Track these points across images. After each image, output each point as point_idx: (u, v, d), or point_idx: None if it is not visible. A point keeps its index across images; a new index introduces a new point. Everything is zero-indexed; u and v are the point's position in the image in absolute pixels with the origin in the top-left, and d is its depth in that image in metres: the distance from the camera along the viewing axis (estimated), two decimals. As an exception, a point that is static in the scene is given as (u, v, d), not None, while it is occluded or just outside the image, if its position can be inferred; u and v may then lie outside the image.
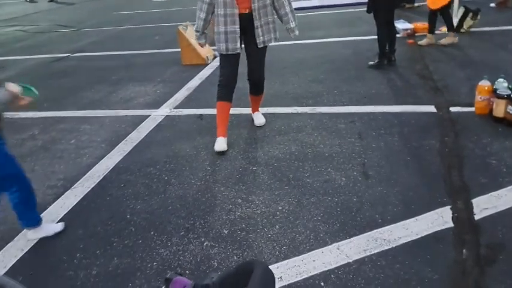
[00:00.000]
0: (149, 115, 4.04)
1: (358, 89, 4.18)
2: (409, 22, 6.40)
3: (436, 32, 5.48)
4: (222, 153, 3.13)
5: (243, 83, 3.46)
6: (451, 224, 2.11)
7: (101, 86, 5.21)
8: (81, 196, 2.75)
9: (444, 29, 5.68)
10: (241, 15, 3.03)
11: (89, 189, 2.83)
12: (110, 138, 3.61)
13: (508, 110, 2.98)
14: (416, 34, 6.00)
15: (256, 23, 3.06)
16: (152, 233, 2.31)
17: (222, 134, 3.21)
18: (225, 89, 3.21)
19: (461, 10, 5.89)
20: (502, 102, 3.01)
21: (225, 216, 2.39)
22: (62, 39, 9.14)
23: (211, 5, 3.07)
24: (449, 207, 2.25)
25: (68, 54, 7.31)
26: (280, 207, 2.42)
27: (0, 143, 2.07)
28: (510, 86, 3.07)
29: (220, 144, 3.15)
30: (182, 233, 2.28)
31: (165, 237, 2.26)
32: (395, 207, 2.31)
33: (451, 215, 2.18)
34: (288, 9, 3.19)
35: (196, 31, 3.24)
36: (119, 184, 2.82)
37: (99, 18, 12.03)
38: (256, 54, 3.22)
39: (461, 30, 5.83)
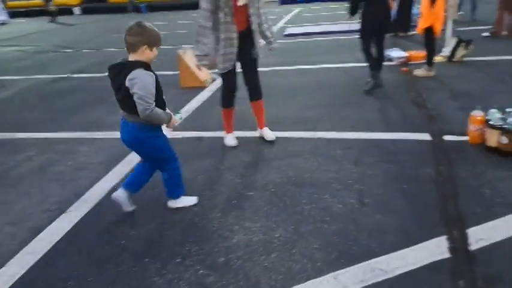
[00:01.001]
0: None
1: (354, 115, 4.24)
2: (404, 50, 6.55)
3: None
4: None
5: (238, 106, 3.50)
6: (447, 255, 2.12)
7: (100, 107, 5.24)
8: (76, 220, 2.73)
9: (438, 57, 5.81)
10: (239, 33, 3.34)
11: (85, 213, 2.81)
12: (108, 160, 3.61)
13: (501, 140, 3.03)
14: (410, 62, 6.13)
15: (255, 40, 3.44)
16: (147, 259, 2.29)
17: (230, 131, 3.79)
18: (228, 97, 3.64)
19: (454, 40, 6.05)
20: (495, 133, 3.07)
21: (222, 243, 2.39)
22: (62, 60, 9.23)
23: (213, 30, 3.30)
24: (445, 237, 2.26)
25: (67, 75, 7.37)
26: (277, 235, 2.42)
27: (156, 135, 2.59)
28: (502, 117, 3.13)
29: (231, 140, 3.72)
30: (178, 260, 2.26)
31: (160, 264, 2.24)
32: (392, 236, 2.31)
33: (447, 246, 2.19)
34: (269, 23, 3.64)
35: (198, 55, 3.37)
36: (115, 208, 2.81)
37: (98, 40, 12.19)
38: (254, 64, 3.60)
39: (454, 60, 5.98)
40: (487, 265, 2.02)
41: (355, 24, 5.17)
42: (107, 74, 2.49)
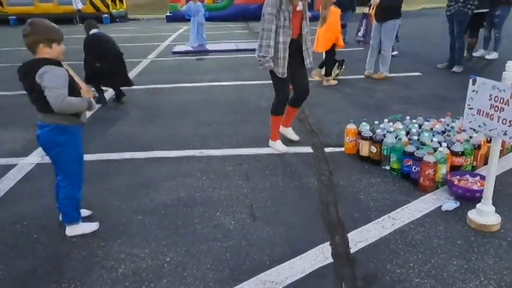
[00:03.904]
0: (16, 164, 3.62)
1: (244, 131, 4.35)
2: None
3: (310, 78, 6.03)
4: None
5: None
6: (331, 260, 2.26)
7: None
8: None
9: (317, 76, 6.46)
10: (292, 39, 3.52)
11: None
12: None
13: (371, 150, 3.38)
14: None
15: (304, 47, 3.63)
16: (18, 303, 2.01)
17: (279, 137, 3.88)
18: (282, 105, 3.76)
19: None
20: (366, 143, 3.42)
21: (106, 274, 2.20)
22: None
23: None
24: (328, 243, 2.41)
25: None
26: (168, 259, 2.32)
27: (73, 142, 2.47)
28: (371, 129, 3.50)
29: (282, 145, 3.82)
30: (56, 300, 2.03)
31: (34, 306, 1.99)
32: (281, 248, 2.39)
33: (330, 251, 2.33)
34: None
35: (265, 56, 3.48)
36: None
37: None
38: (305, 73, 3.79)
39: (329, 78, 6.55)
40: (365, 266, 2.20)
41: (243, 43, 5.37)
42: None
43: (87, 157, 3.69)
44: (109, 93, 5.88)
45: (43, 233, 2.58)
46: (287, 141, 3.96)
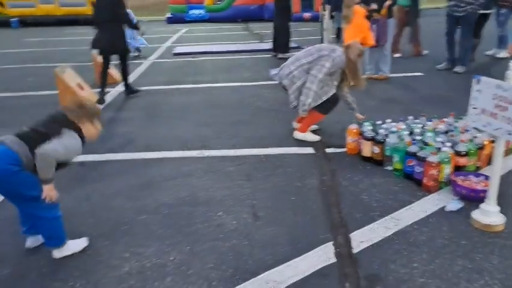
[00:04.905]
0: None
1: (244, 132, 4.35)
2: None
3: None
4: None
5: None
6: (334, 260, 2.26)
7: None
8: None
9: None
10: None
11: None
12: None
13: (374, 150, 3.38)
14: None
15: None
16: (22, 302, 2.01)
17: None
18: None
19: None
20: (368, 144, 3.42)
21: (111, 273, 2.20)
22: None
23: None
24: (331, 243, 2.41)
25: None
26: (171, 258, 2.32)
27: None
28: (374, 129, 3.50)
29: (313, 135, 4.05)
30: (59, 298, 2.03)
31: (38, 305, 1.99)
32: (283, 247, 2.39)
33: (333, 251, 2.33)
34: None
35: (310, 104, 3.85)
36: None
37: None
38: None
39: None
40: (369, 266, 2.20)
41: (242, 44, 5.37)
42: None
43: (89, 157, 3.72)
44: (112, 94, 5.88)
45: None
46: (289, 141, 3.97)
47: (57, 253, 2.33)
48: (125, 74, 6.00)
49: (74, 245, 2.38)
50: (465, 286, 2.02)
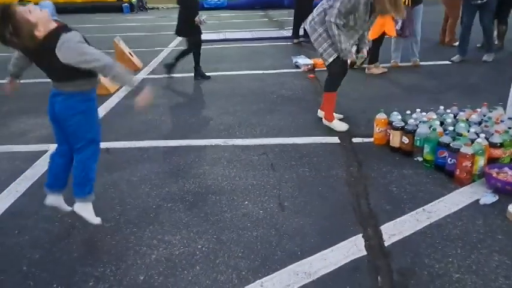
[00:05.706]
0: (47, 150, 3.65)
1: (268, 121, 4.30)
2: (309, 58, 6.86)
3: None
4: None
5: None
6: (364, 252, 2.21)
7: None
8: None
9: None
10: None
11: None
12: (0, 178, 3.17)
13: (403, 140, 3.29)
14: (316, 69, 6.44)
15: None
16: (55, 285, 2.03)
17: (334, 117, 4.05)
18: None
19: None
20: (397, 134, 3.33)
21: (140, 260, 2.21)
22: None
23: None
24: (361, 235, 2.36)
25: None
26: (199, 246, 2.31)
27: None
28: (403, 119, 3.41)
29: (341, 123, 3.97)
30: (91, 283, 2.04)
31: (69, 290, 2.01)
32: (312, 238, 2.35)
33: (363, 243, 2.29)
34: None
35: (346, 49, 3.67)
36: (12, 231, 2.47)
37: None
38: None
39: (355, 67, 6.41)
40: (401, 259, 2.15)
41: (262, 32, 5.30)
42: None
43: (115, 144, 3.74)
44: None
45: (76, 218, 2.58)
46: (314, 130, 3.91)
47: (78, 207, 2.43)
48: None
49: (91, 214, 2.47)
50: (503, 282, 1.96)
